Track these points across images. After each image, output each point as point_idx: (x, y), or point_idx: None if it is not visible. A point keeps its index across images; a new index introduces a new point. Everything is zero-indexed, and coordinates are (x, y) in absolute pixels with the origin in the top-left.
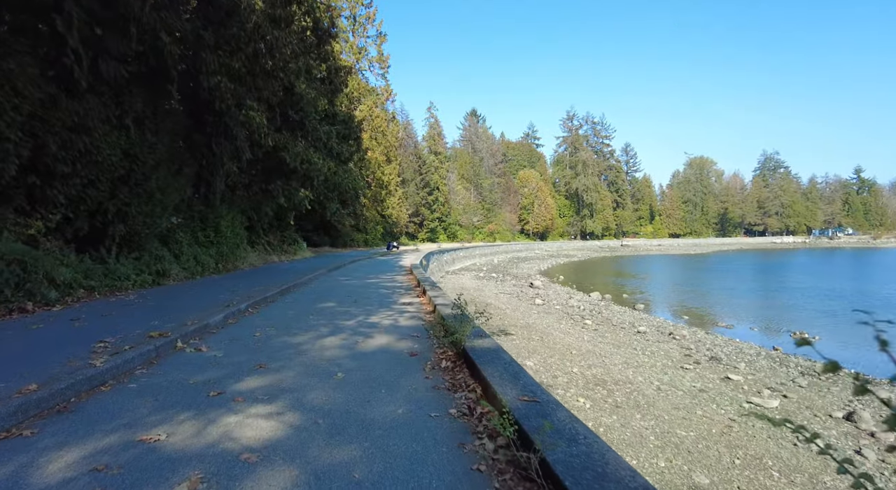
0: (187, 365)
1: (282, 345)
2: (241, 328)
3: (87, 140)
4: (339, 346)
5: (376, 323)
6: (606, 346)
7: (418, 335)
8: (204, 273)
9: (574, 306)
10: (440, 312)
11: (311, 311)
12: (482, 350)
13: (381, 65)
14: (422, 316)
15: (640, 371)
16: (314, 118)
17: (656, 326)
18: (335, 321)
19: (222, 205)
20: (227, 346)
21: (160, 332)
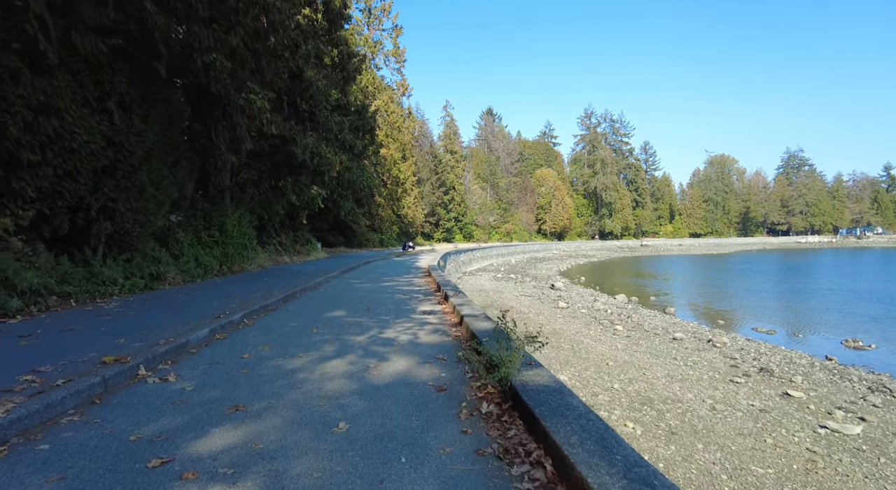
0: (140, 406)
1: (273, 372)
2: (229, 346)
3: (57, 123)
4: (345, 373)
5: (392, 339)
6: (643, 355)
7: (444, 357)
8: (206, 276)
9: (601, 310)
10: (469, 326)
11: (317, 323)
12: (538, 389)
13: (397, 59)
14: (446, 329)
15: (686, 386)
16: (325, 108)
17: (692, 332)
18: (343, 336)
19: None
20: (202, 374)
21: (118, 356)
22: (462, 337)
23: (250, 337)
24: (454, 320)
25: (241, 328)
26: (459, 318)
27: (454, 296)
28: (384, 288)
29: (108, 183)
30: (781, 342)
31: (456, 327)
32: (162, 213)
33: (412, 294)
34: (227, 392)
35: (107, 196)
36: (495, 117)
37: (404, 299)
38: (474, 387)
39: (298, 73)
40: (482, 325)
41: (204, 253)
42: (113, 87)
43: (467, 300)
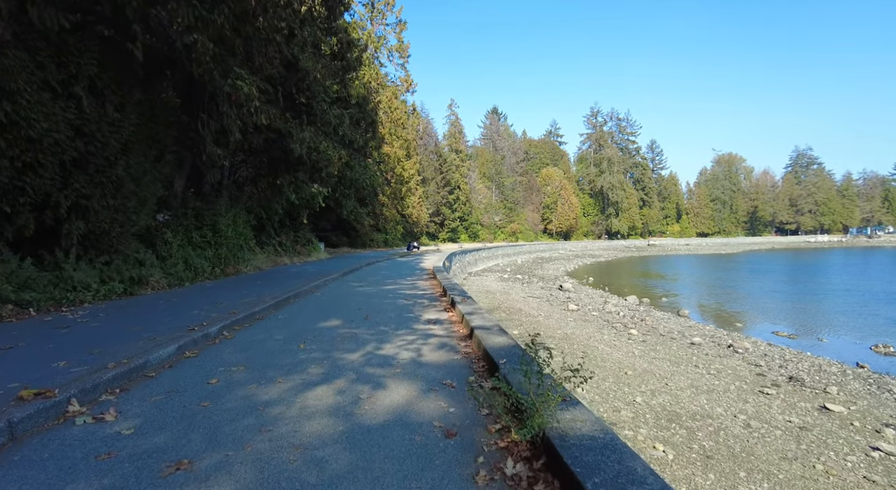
0: (49, 463)
1: (241, 405)
2: (197, 368)
3: (10, 107)
4: (330, 407)
5: (391, 357)
6: (663, 362)
7: (453, 384)
8: (196, 279)
9: (612, 312)
10: (481, 342)
11: (306, 336)
12: (584, 444)
13: (401, 54)
14: (454, 343)
15: (714, 398)
16: (323, 100)
17: (710, 336)
18: (334, 353)
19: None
20: (152, 409)
21: (43, 389)
22: (473, 354)
23: (225, 354)
24: (463, 332)
25: (218, 342)
26: (469, 329)
27: (462, 302)
28: (385, 292)
29: (80, 178)
30: (805, 347)
31: (465, 341)
32: (146, 211)
33: (415, 299)
34: (176, 437)
35: (78, 192)
36: (500, 116)
37: (407, 305)
38: (493, 430)
39: (294, 62)
40: (497, 340)
41: (195, 254)
42: (80, 70)
43: (477, 308)
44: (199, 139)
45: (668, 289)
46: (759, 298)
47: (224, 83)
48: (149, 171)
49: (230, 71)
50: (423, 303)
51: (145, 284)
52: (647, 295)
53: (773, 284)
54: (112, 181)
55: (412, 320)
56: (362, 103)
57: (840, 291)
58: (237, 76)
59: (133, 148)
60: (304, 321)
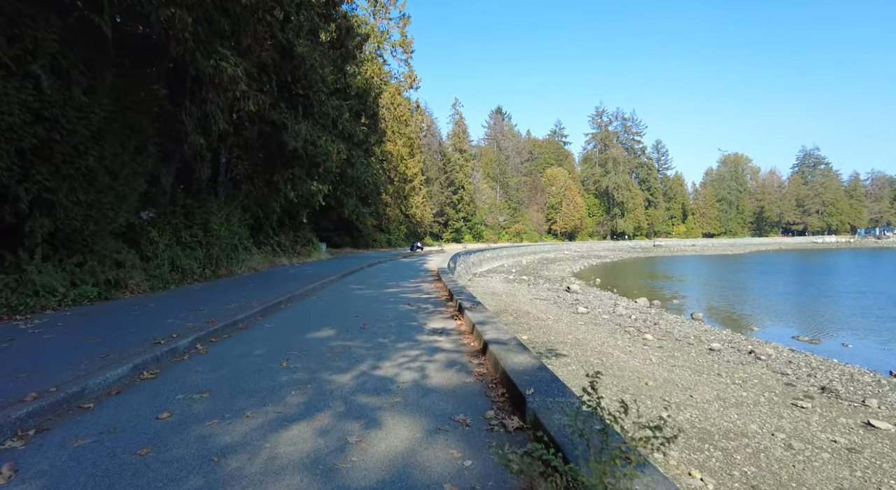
0: None
1: (190, 455)
2: (149, 395)
3: None
4: (306, 460)
5: (390, 380)
6: (684, 371)
7: (467, 421)
8: (184, 281)
9: (623, 315)
10: (498, 361)
11: (292, 350)
12: None
13: (405, 49)
14: (465, 361)
15: (745, 412)
16: (320, 90)
17: (728, 341)
18: (322, 374)
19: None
20: (67, 463)
21: None
22: (489, 376)
23: (191, 376)
24: (474, 346)
25: (187, 359)
26: (482, 343)
27: (471, 309)
28: (387, 296)
29: (42, 168)
30: (830, 353)
31: (478, 358)
32: (125, 207)
33: (419, 304)
34: None
35: (41, 185)
36: (504, 116)
37: (409, 312)
38: None
39: (289, 48)
40: (517, 360)
41: (183, 255)
42: (38, 46)
43: (488, 316)
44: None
45: (678, 291)
46: (773, 301)
47: (207, 64)
48: (128, 164)
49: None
50: (428, 309)
51: (123, 288)
52: (657, 297)
53: (785, 286)
54: (82, 173)
55: (415, 330)
56: (363, 94)
57: (854, 293)
58: (221, 57)
59: (107, 137)
60: (293, 331)
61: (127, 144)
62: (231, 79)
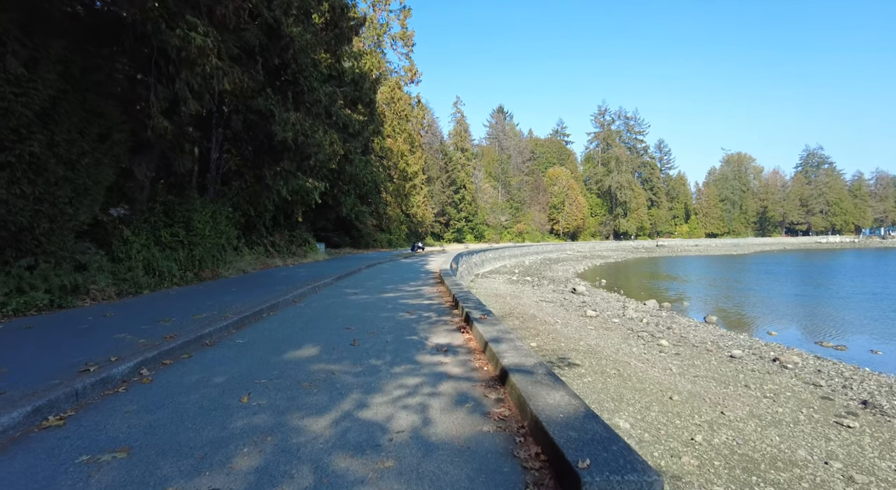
0: None
1: None
2: (38, 458)
3: None
4: None
5: (381, 427)
6: (708, 382)
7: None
8: (161, 285)
9: (635, 319)
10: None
11: (260, 377)
12: None
13: (405, 42)
14: (478, 395)
15: (786, 433)
16: (313, 76)
17: (748, 347)
18: (291, 418)
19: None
20: None
21: None
22: (512, 420)
23: (113, 421)
24: (489, 371)
25: (122, 391)
26: (498, 368)
27: (481, 320)
28: (384, 302)
29: None
30: (860, 360)
31: (494, 391)
32: (88, 203)
33: (420, 313)
34: None
35: None
36: (506, 115)
37: (409, 323)
38: None
39: (276, 27)
40: (553, 400)
41: (161, 256)
42: None
43: (503, 330)
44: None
45: (686, 292)
46: (785, 303)
47: (172, 35)
48: (88, 153)
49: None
50: (430, 318)
51: (83, 294)
52: (665, 299)
53: (795, 287)
54: (27, 162)
55: (415, 347)
56: (358, 80)
57: (867, 295)
58: (190, 26)
59: (59, 120)
60: (268, 349)
61: (87, 131)
62: (200, 51)
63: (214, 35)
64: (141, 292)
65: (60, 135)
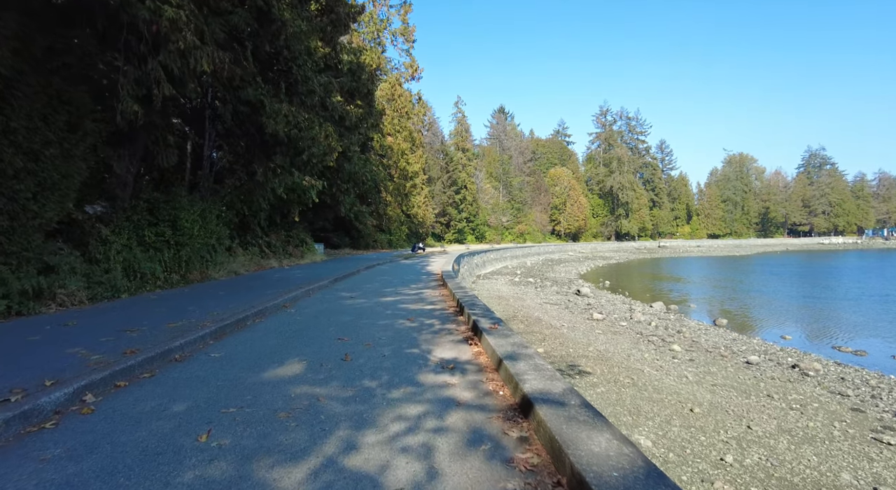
0: None
1: None
2: None
3: None
4: None
5: (373, 483)
6: (728, 392)
7: None
8: (142, 288)
9: (642, 322)
10: (563, 448)
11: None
12: None
13: (406, 38)
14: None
15: (822, 452)
16: (306, 64)
17: (763, 352)
18: (256, 465)
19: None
20: None
21: None
22: (544, 472)
23: (11, 480)
24: (505, 397)
25: (49, 428)
26: (518, 395)
27: (492, 330)
28: (382, 307)
29: None
30: (883, 367)
31: (516, 426)
32: (56, 199)
33: (422, 319)
34: None
35: None
36: (507, 115)
37: (409, 332)
38: None
39: (266, 10)
40: (597, 447)
41: (144, 257)
42: None
43: (519, 343)
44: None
45: (691, 294)
46: (793, 305)
47: (141, 7)
48: (55, 144)
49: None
50: (433, 326)
51: (48, 299)
52: (671, 301)
53: (802, 289)
54: None
55: (417, 364)
56: (356, 71)
57: (877, 297)
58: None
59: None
60: (246, 365)
61: (53, 118)
62: (173, 25)
63: (190, 9)
64: (118, 296)
65: (18, 121)
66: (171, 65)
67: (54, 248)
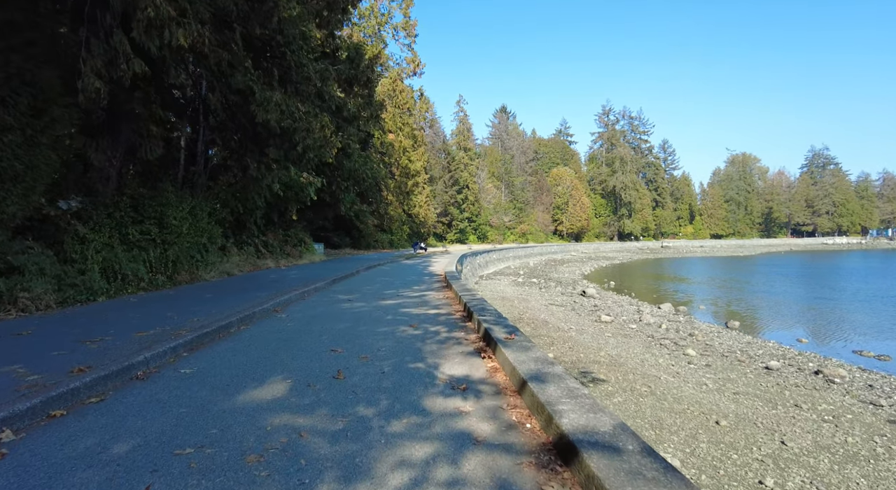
0: None
1: None
2: None
3: None
4: None
5: None
6: (752, 401)
7: None
8: (123, 290)
9: (652, 324)
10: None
11: (186, 443)
12: None
13: (408, 32)
14: (530, 485)
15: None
16: (301, 49)
17: (782, 357)
18: None
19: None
20: None
21: None
22: None
23: None
24: (534, 431)
25: None
26: (553, 432)
27: (508, 341)
28: (383, 312)
29: None
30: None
31: (553, 475)
32: (19, 192)
33: (426, 326)
34: None
35: None
36: (509, 115)
37: (412, 341)
38: None
39: None
40: None
41: (127, 257)
42: None
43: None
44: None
45: (698, 295)
46: (805, 306)
47: None
48: (15, 129)
49: None
50: (438, 333)
51: (9, 303)
52: (679, 302)
53: (811, 289)
54: None
55: (422, 383)
56: (354, 57)
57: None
58: None
59: None
60: (218, 385)
61: (12, 102)
62: None
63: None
64: (95, 299)
65: None
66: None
67: (21, 248)
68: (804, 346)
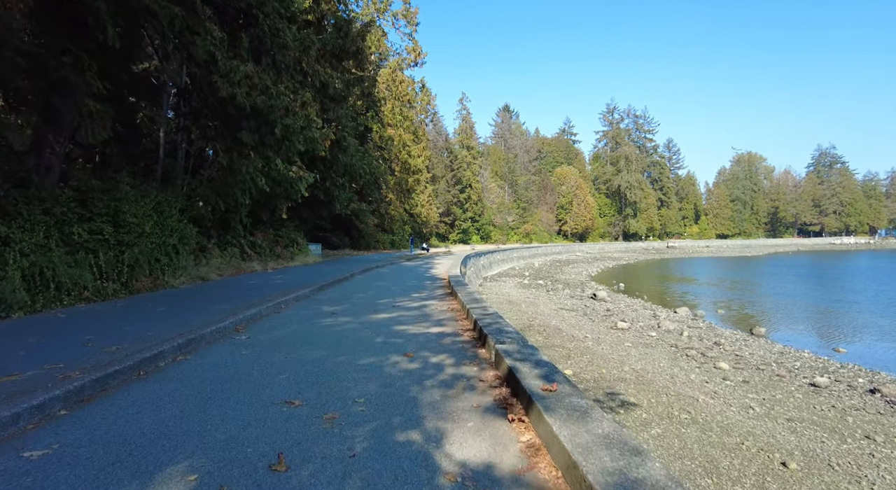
0: None
1: None
2: None
3: None
4: None
5: None
6: (814, 431)
7: None
8: (55, 302)
9: (672, 331)
10: None
11: None
12: None
13: (409, 21)
14: None
15: None
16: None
17: (824, 370)
18: None
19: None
20: None
21: None
22: None
23: None
24: None
25: None
26: None
27: (549, 394)
28: (372, 331)
29: None
30: None
31: None
32: None
33: (426, 357)
34: None
35: None
36: (512, 114)
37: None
38: None
39: None
40: None
41: (66, 261)
42: None
43: (620, 441)
44: None
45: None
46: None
47: None
48: None
49: None
50: (443, 371)
51: None
52: (693, 305)
53: (827, 291)
54: None
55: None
56: (342, 26)
57: None
58: None
59: None
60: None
61: None
62: None
63: None
64: (8, 316)
65: None
66: None
67: None
68: (843, 357)
